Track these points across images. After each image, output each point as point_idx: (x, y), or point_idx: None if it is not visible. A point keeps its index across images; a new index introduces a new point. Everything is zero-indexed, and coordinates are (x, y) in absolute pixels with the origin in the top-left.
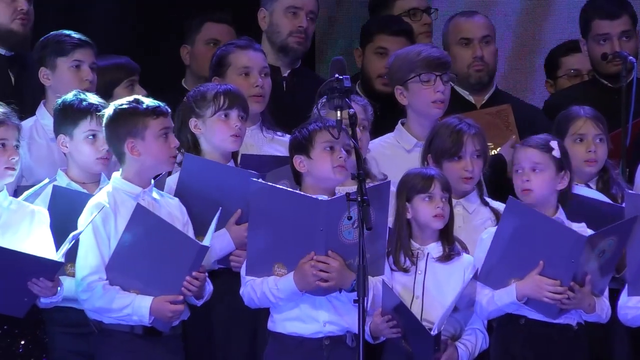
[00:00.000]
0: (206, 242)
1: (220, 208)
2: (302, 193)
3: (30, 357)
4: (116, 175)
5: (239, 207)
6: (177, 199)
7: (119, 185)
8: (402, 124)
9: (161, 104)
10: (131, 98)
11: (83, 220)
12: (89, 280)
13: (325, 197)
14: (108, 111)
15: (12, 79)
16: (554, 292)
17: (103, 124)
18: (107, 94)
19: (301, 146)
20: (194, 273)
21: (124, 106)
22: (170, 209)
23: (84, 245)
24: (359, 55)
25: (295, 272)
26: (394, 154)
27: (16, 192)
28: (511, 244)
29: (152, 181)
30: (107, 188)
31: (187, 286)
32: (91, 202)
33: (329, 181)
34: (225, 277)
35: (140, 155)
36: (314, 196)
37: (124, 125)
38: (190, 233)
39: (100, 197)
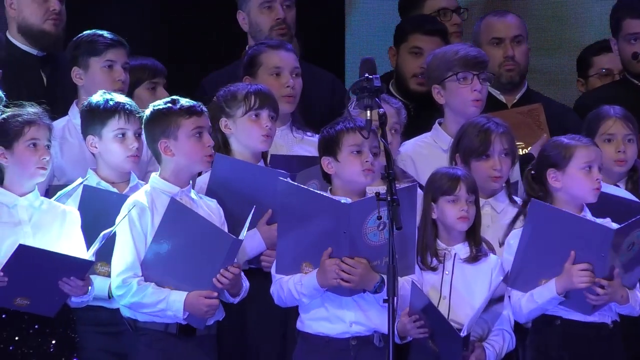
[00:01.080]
0: (240, 235)
1: (255, 206)
2: (325, 194)
3: (61, 356)
4: (154, 175)
5: (269, 207)
6: (215, 201)
7: (157, 185)
8: (439, 123)
9: (196, 103)
10: (168, 98)
11: (120, 218)
12: (124, 276)
13: (348, 200)
14: (147, 112)
15: (45, 79)
16: (587, 277)
17: (142, 125)
18: (128, 95)
19: (329, 148)
20: (232, 267)
21: (159, 107)
22: (208, 209)
23: (120, 242)
24: (392, 54)
25: (318, 269)
26: (431, 154)
27: (48, 192)
28: (538, 245)
29: (191, 182)
30: (146, 187)
31: (219, 279)
32: (129, 201)
33: (356, 184)
34: (256, 277)
35: (174, 156)
36: (337, 198)
37: (158, 125)
38: None
39: (139, 196)
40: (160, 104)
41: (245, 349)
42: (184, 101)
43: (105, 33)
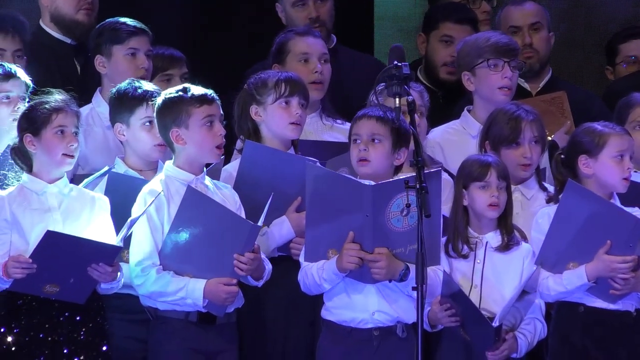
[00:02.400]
0: (259, 223)
1: (273, 193)
2: (349, 177)
3: (91, 344)
4: (169, 163)
5: (299, 194)
6: (230, 187)
7: (172, 173)
8: (468, 110)
9: (208, 91)
10: (180, 87)
11: (137, 207)
12: (143, 265)
13: (371, 183)
14: (158, 100)
15: (78, 67)
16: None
17: (154, 113)
18: None
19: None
20: (246, 253)
21: (171, 95)
22: (223, 196)
23: (137, 232)
24: (422, 41)
25: (339, 254)
26: (460, 140)
27: (73, 181)
28: (569, 226)
29: (205, 169)
30: (160, 176)
31: (237, 265)
32: (145, 189)
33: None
34: (285, 264)
35: (186, 144)
36: (361, 181)
37: (169, 114)
38: None
39: (154, 184)
40: (171, 92)
41: (268, 336)
42: (195, 89)
43: (128, 20)
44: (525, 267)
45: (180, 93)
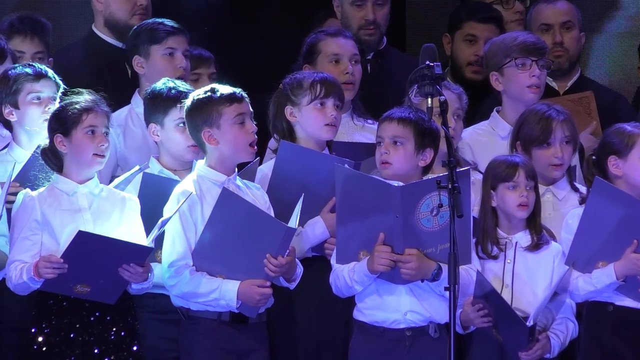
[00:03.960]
0: (291, 224)
1: (303, 194)
2: (377, 178)
3: (122, 344)
4: (200, 163)
5: (333, 194)
6: (259, 187)
7: (204, 173)
8: (497, 111)
9: (236, 90)
10: (208, 87)
11: (170, 207)
12: (176, 266)
13: (400, 184)
14: (187, 102)
15: (129, 71)
16: None
17: (184, 115)
18: None
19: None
20: (279, 257)
21: (200, 96)
22: (254, 196)
23: (170, 232)
24: (447, 42)
25: (370, 255)
26: (489, 141)
27: (111, 182)
28: (598, 225)
29: (236, 169)
30: (192, 176)
31: (268, 266)
32: (177, 190)
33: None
34: (319, 264)
35: (218, 144)
36: (390, 182)
37: (200, 115)
38: None
39: (186, 184)
40: (200, 93)
41: (301, 336)
42: (223, 89)
43: (165, 21)
44: (555, 266)
45: (209, 93)
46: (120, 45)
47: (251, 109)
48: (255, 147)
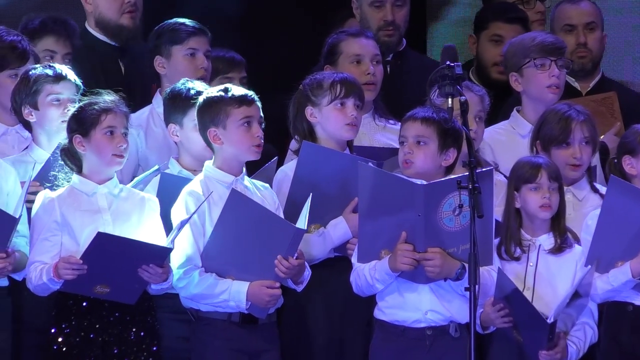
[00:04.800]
0: (300, 225)
1: (312, 194)
2: (401, 176)
3: (142, 344)
4: (208, 163)
5: (355, 195)
6: (268, 186)
7: (211, 174)
8: (518, 110)
9: (249, 92)
10: (221, 87)
11: (177, 208)
12: (185, 268)
13: (423, 182)
14: (199, 99)
15: (123, 68)
16: None
17: (195, 115)
18: None
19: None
20: (290, 259)
21: (211, 94)
22: (263, 197)
23: (179, 235)
24: (473, 42)
25: (391, 253)
26: (510, 140)
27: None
28: (615, 224)
29: (244, 169)
30: (200, 176)
31: (278, 267)
32: (185, 190)
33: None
34: (341, 264)
35: (223, 144)
36: (412, 180)
37: (208, 113)
38: None
39: (194, 185)
40: (212, 92)
41: (320, 336)
42: (236, 90)
43: (187, 21)
44: (578, 269)
45: (221, 93)
46: (113, 42)
47: (261, 114)
48: (261, 148)
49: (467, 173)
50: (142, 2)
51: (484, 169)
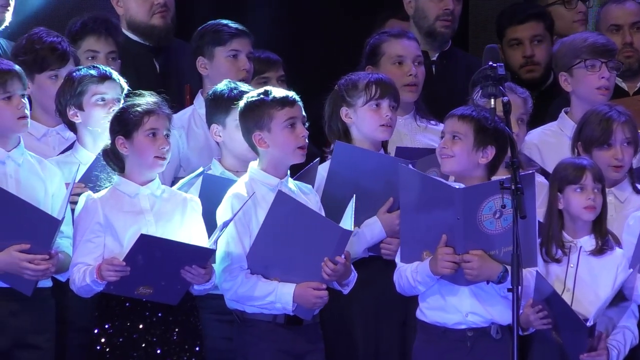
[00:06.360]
0: (346, 226)
1: (355, 195)
2: (440, 180)
3: (184, 344)
4: (253, 165)
5: (390, 195)
6: (311, 188)
7: (256, 176)
8: (566, 112)
9: (289, 93)
10: (261, 90)
11: (223, 209)
12: (230, 269)
13: (462, 186)
14: (240, 104)
15: (157, 68)
16: None
17: (237, 117)
18: None
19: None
20: (337, 259)
21: (253, 98)
22: (307, 198)
23: (224, 235)
24: (500, 50)
25: (432, 256)
26: (557, 142)
27: (173, 184)
28: None
29: (288, 172)
30: (245, 178)
31: (324, 269)
32: (230, 192)
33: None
34: (376, 264)
35: (269, 147)
36: (451, 184)
37: (251, 117)
38: None
39: (239, 187)
40: (253, 95)
41: (358, 337)
42: (277, 92)
43: (230, 23)
44: (618, 273)
45: (262, 96)
46: (147, 42)
47: (304, 114)
48: (305, 150)
49: (509, 175)
50: (174, 1)
51: (528, 171)
